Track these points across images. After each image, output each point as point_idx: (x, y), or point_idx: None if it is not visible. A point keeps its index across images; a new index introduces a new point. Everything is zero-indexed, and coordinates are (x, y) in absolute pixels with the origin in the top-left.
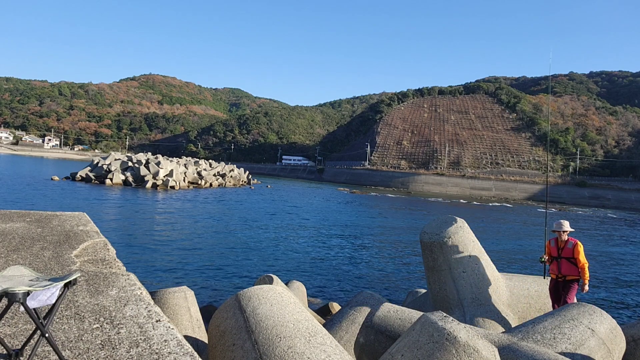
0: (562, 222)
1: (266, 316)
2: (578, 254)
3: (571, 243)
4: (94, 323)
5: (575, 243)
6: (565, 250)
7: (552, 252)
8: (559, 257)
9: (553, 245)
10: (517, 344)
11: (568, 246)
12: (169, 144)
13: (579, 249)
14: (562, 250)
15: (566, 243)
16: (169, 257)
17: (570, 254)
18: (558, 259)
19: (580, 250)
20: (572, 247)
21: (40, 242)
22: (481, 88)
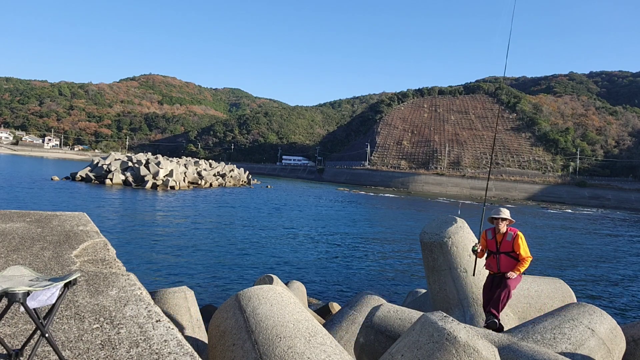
0: (501, 209)
1: (266, 316)
2: (519, 248)
3: (510, 235)
4: (94, 323)
5: (516, 234)
6: (504, 244)
7: (490, 246)
8: (497, 252)
9: (490, 238)
10: (517, 344)
11: (507, 239)
12: (169, 144)
13: (520, 241)
14: (500, 244)
15: (505, 235)
16: (169, 257)
17: (509, 248)
18: (496, 254)
19: (521, 243)
20: (511, 239)
21: (40, 242)
22: (481, 88)
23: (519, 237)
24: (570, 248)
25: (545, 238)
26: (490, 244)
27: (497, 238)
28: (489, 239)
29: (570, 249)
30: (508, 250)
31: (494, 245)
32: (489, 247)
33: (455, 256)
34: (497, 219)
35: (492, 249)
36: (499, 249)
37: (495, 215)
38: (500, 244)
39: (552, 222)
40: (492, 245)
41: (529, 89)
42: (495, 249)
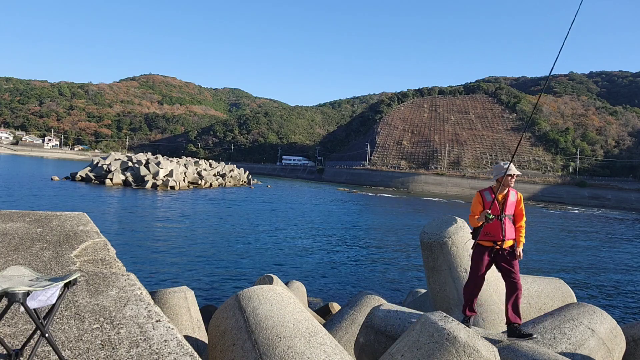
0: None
1: (266, 316)
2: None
3: (513, 194)
4: (94, 323)
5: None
6: (509, 206)
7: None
8: (501, 215)
9: (490, 199)
10: (517, 344)
11: (511, 198)
12: (169, 144)
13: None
14: (504, 205)
15: (508, 195)
16: (169, 257)
17: (513, 210)
18: (500, 218)
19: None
20: (516, 199)
21: (40, 242)
22: (481, 88)
23: (521, 198)
24: (570, 248)
25: (545, 238)
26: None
27: (498, 197)
28: (488, 201)
29: (570, 249)
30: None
31: (496, 207)
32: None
33: (455, 256)
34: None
35: (494, 212)
36: (503, 211)
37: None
38: (504, 206)
39: (552, 222)
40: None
41: (529, 89)
42: (500, 211)
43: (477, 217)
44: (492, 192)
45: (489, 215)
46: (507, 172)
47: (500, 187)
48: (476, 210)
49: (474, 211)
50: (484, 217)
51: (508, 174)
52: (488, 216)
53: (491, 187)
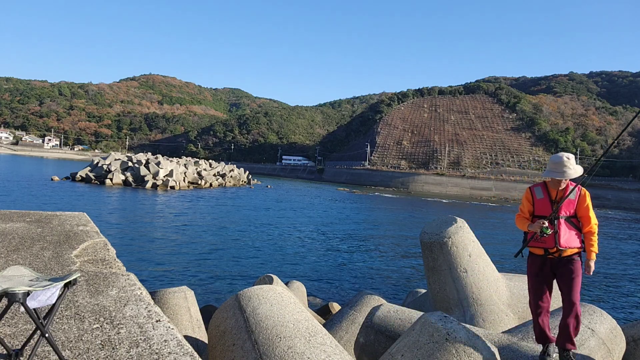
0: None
1: (266, 316)
2: (588, 210)
3: (574, 192)
4: (94, 323)
5: (581, 190)
6: (566, 204)
7: (540, 209)
8: (554, 216)
9: (541, 197)
10: (517, 344)
11: (570, 196)
12: (169, 144)
13: (588, 197)
14: (559, 205)
15: (566, 192)
16: (169, 257)
17: (572, 210)
18: (554, 220)
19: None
20: (577, 197)
21: (40, 242)
22: (481, 88)
23: (586, 194)
24: None
25: None
26: (541, 206)
27: (551, 195)
28: (539, 199)
29: None
30: (570, 213)
31: (548, 207)
32: (537, 212)
33: (455, 256)
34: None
35: (545, 213)
36: (556, 212)
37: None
38: (559, 205)
39: None
40: (544, 206)
41: (529, 89)
42: (552, 211)
43: (527, 224)
44: (545, 188)
45: (545, 230)
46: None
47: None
48: (525, 210)
49: (522, 210)
50: (539, 228)
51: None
52: (545, 230)
53: (545, 181)
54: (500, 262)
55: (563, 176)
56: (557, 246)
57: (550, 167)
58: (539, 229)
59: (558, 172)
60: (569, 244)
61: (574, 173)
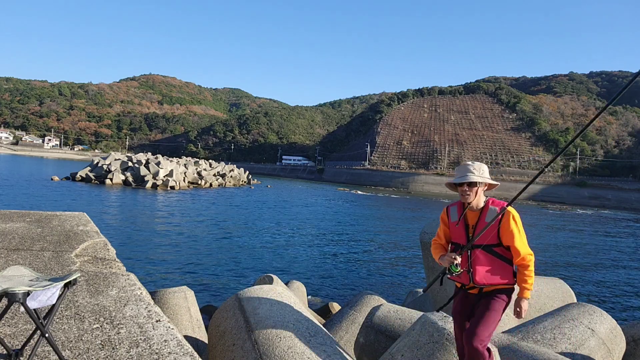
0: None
1: (266, 316)
2: (512, 236)
3: (494, 212)
4: (94, 323)
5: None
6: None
7: (455, 236)
8: (469, 245)
9: (454, 220)
10: (517, 344)
11: (486, 219)
12: (169, 144)
13: (514, 223)
14: (475, 228)
15: (483, 213)
16: (169, 257)
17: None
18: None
19: (515, 226)
20: (495, 219)
21: (40, 242)
22: (481, 88)
23: (510, 216)
24: (570, 248)
25: (545, 238)
26: (456, 231)
27: (467, 218)
28: (453, 222)
29: (570, 249)
30: (490, 240)
31: (462, 234)
32: (453, 238)
33: None
34: (463, 185)
35: (460, 240)
36: (471, 240)
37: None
38: (473, 230)
39: (552, 222)
40: (459, 233)
41: (529, 89)
42: (466, 239)
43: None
44: (461, 208)
45: (454, 268)
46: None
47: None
48: (441, 234)
49: (438, 235)
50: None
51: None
52: (453, 269)
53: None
54: None
55: (465, 179)
56: (472, 282)
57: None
58: (449, 264)
59: (461, 177)
60: (489, 281)
61: (479, 178)
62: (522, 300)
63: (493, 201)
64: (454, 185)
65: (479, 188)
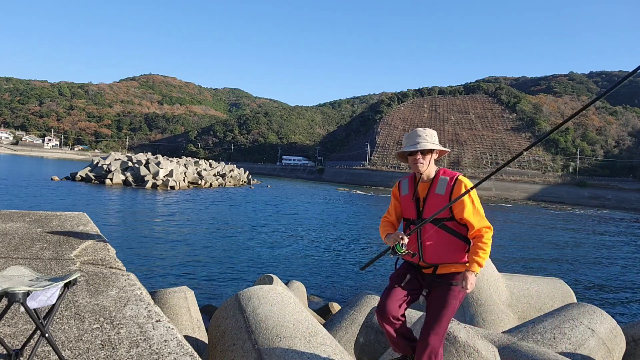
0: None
1: (266, 316)
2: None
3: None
4: (94, 323)
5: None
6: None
7: (405, 210)
8: (418, 220)
9: (406, 193)
10: (517, 344)
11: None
12: (169, 144)
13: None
14: (425, 202)
15: (434, 183)
16: (169, 257)
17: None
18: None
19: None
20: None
21: (40, 242)
22: (481, 88)
23: (462, 186)
24: (570, 248)
25: (545, 238)
26: (406, 206)
27: (418, 191)
28: (404, 195)
29: (570, 249)
30: (441, 214)
31: (412, 207)
32: (404, 214)
33: None
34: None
35: (410, 215)
36: (422, 213)
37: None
38: (424, 203)
39: (552, 222)
40: (408, 207)
41: (529, 89)
42: (416, 212)
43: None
44: (413, 180)
45: (399, 248)
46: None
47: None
48: (392, 210)
49: (389, 211)
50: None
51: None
52: (398, 249)
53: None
54: (500, 262)
55: (418, 147)
56: (422, 261)
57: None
58: (394, 244)
59: (412, 145)
60: (440, 259)
61: (432, 145)
62: (468, 273)
63: (444, 171)
64: (404, 156)
65: (432, 156)
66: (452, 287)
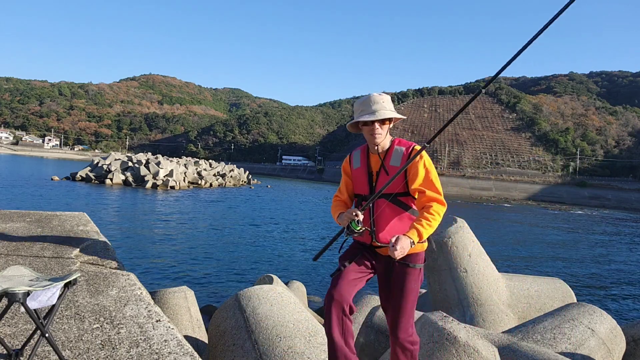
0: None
1: (266, 316)
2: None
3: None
4: (94, 323)
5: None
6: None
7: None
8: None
9: (358, 167)
10: (517, 344)
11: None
12: (169, 144)
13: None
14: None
15: (388, 154)
16: (169, 257)
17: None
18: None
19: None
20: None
21: (40, 242)
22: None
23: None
24: (570, 248)
25: (545, 238)
26: (358, 181)
27: (371, 163)
28: (356, 169)
29: (570, 249)
30: (395, 188)
31: (364, 182)
32: (356, 189)
33: (456, 256)
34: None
35: (363, 191)
36: (374, 187)
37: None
38: (377, 177)
39: (552, 222)
40: (361, 181)
41: (529, 89)
42: (368, 187)
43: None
44: (365, 153)
45: (355, 226)
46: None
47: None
48: (343, 188)
49: (340, 189)
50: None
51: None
52: (354, 227)
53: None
54: (500, 262)
55: (375, 116)
56: (375, 241)
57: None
58: (348, 221)
59: (370, 114)
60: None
61: (392, 113)
62: (403, 239)
63: (400, 141)
64: (357, 127)
65: (389, 126)
66: (409, 269)
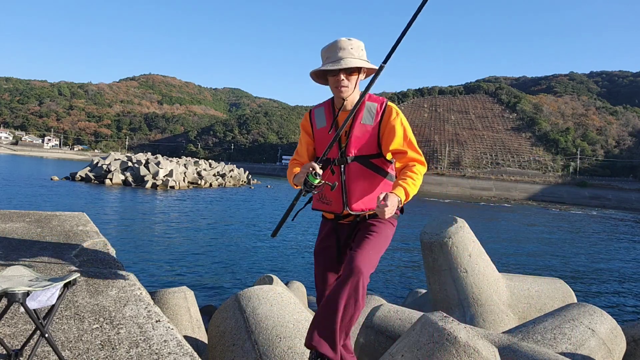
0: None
1: (266, 316)
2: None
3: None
4: (94, 323)
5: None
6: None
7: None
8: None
9: (323, 126)
10: (517, 344)
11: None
12: (169, 144)
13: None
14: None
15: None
16: (169, 257)
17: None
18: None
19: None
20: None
21: (40, 242)
22: (481, 88)
23: (393, 112)
24: (571, 248)
25: (546, 238)
26: (323, 139)
27: (338, 122)
28: (320, 128)
29: (571, 249)
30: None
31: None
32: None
33: (456, 256)
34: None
35: (329, 154)
36: (345, 149)
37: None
38: (349, 136)
39: (552, 222)
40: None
41: (529, 88)
42: (338, 150)
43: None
44: (330, 109)
45: (313, 178)
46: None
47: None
48: (302, 150)
49: (298, 152)
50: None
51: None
52: (311, 179)
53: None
54: (500, 262)
55: (339, 64)
56: (346, 209)
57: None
58: (305, 179)
59: (335, 61)
60: (368, 205)
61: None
62: (391, 196)
63: (370, 96)
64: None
65: (358, 77)
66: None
